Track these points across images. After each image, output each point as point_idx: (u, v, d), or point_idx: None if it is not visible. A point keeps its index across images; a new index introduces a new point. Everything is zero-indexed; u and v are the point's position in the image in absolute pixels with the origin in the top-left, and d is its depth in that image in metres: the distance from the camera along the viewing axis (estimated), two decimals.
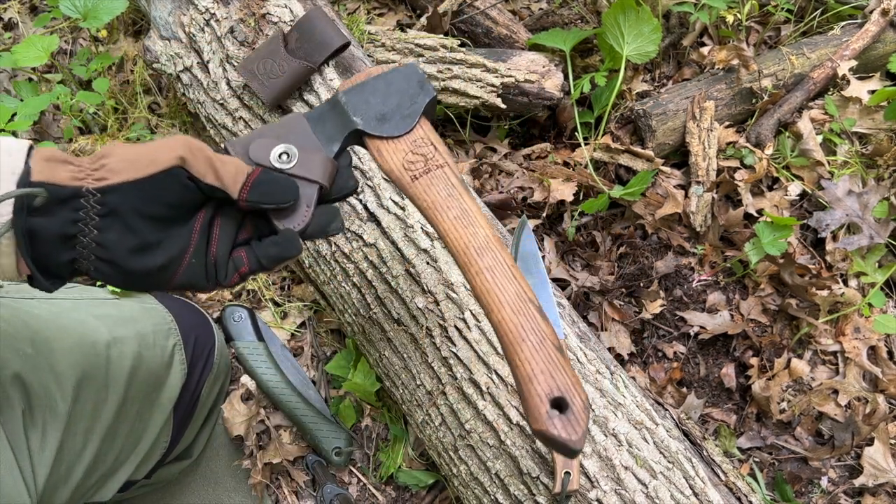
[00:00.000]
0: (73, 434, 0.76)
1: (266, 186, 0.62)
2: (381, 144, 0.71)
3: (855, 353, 1.26)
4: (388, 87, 0.72)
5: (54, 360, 0.76)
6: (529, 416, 0.58)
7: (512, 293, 0.62)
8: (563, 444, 0.56)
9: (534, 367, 0.59)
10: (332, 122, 0.71)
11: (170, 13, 1.28)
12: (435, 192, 0.68)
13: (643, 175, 1.35)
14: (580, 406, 0.57)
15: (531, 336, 0.60)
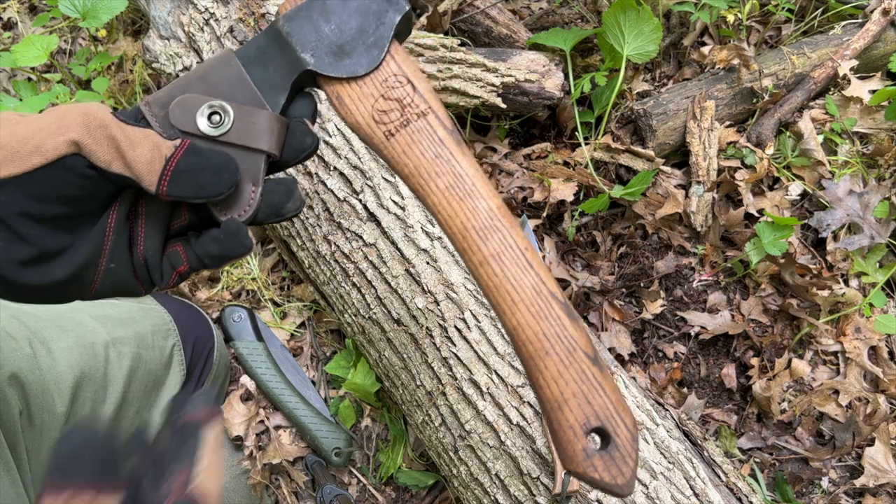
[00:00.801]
0: None
1: (193, 175, 0.47)
2: (340, 89, 0.53)
3: (856, 354, 1.26)
4: (344, 6, 0.53)
5: (52, 360, 0.76)
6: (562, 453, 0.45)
7: (528, 288, 0.48)
8: (605, 488, 0.43)
9: (563, 390, 0.45)
10: (275, 62, 0.53)
11: (169, 13, 1.28)
12: (418, 152, 0.51)
13: (643, 175, 1.34)
14: (626, 438, 0.44)
15: (556, 346, 0.46)
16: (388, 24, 0.53)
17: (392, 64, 0.53)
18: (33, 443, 0.72)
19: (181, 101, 0.51)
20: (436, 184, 0.51)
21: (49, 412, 0.74)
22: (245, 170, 0.51)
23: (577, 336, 0.47)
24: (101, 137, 0.45)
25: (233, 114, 0.51)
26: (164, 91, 0.51)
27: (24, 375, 0.71)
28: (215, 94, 0.51)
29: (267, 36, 0.54)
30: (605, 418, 0.44)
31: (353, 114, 0.53)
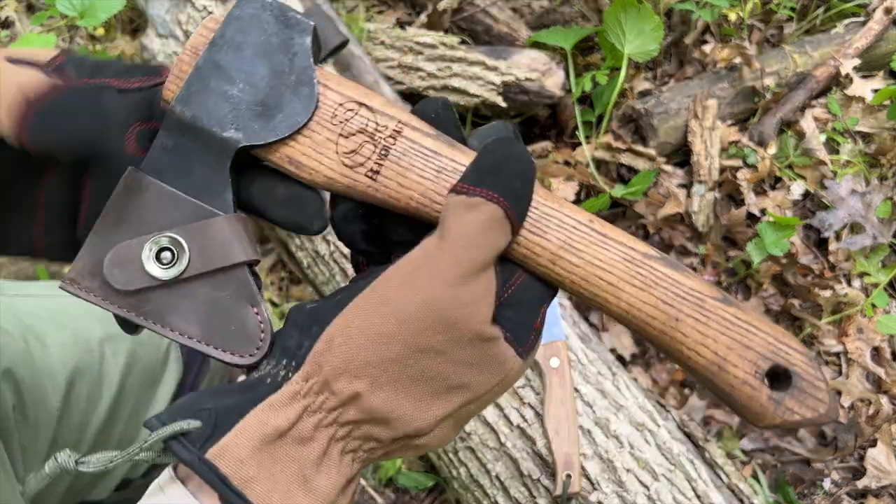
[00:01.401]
0: (67, 430, 0.75)
1: (67, 115, 0.38)
2: (289, 150, 0.42)
3: (858, 354, 1.25)
4: (240, 56, 0.43)
5: (47, 355, 0.75)
6: (749, 413, 0.39)
7: (618, 262, 0.40)
8: (812, 423, 0.39)
9: (715, 349, 0.39)
10: (195, 158, 0.42)
11: (167, 11, 1.27)
12: (416, 177, 0.41)
13: (645, 174, 1.34)
14: (803, 362, 0.39)
15: (683, 307, 0.40)
16: (301, 52, 0.44)
17: (331, 94, 0.44)
18: (27, 438, 0.71)
19: (114, 258, 0.40)
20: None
21: (43, 407, 0.73)
22: (230, 296, 0.41)
23: (695, 286, 0.40)
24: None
25: (183, 241, 0.40)
26: (80, 259, 0.41)
27: (18, 370, 0.70)
28: (146, 231, 0.40)
29: (168, 133, 0.42)
30: (772, 355, 0.39)
31: (319, 171, 0.42)
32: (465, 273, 0.36)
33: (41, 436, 0.73)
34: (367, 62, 1.21)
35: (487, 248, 0.37)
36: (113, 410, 0.82)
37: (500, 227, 0.37)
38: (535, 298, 0.40)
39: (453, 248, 0.36)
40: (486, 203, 0.37)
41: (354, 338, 0.36)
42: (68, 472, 0.37)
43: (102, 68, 0.42)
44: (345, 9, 1.57)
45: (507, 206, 0.37)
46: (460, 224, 0.37)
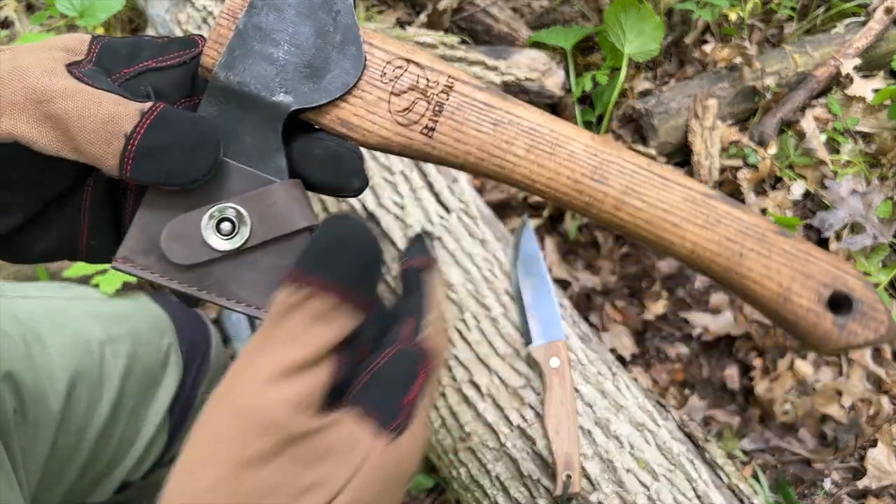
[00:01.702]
0: (67, 433, 0.75)
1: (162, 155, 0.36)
2: (340, 112, 0.42)
3: (859, 355, 1.25)
4: (281, 17, 0.41)
5: (47, 357, 0.75)
6: (813, 340, 0.41)
7: (681, 202, 0.41)
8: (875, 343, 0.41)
9: (780, 280, 0.41)
10: (245, 125, 0.41)
11: (167, 11, 1.27)
12: (473, 131, 0.42)
13: None
14: (860, 286, 0.40)
15: (746, 242, 0.41)
16: (344, 10, 0.42)
17: (377, 52, 0.42)
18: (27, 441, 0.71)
19: (171, 232, 0.38)
20: (514, 153, 0.42)
21: (44, 410, 0.73)
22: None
23: (754, 221, 0.42)
24: (41, 119, 0.36)
25: (244, 210, 0.39)
26: (131, 236, 0.39)
27: (19, 373, 0.70)
28: (201, 203, 0.39)
29: (213, 101, 0.40)
30: (832, 282, 0.41)
31: (373, 131, 0.42)
32: (280, 372, 0.33)
33: (41, 438, 0.73)
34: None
35: (315, 345, 0.34)
36: (113, 412, 0.82)
37: (335, 317, 0.34)
38: (403, 375, 0.36)
39: (272, 347, 0.34)
40: (317, 294, 0.34)
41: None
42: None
43: (138, 52, 0.41)
44: None
45: (344, 293, 0.35)
46: (283, 319, 0.34)
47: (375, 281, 0.37)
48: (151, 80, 0.40)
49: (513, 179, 0.43)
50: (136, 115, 0.36)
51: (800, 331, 0.41)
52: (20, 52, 0.38)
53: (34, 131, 0.36)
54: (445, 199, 1.06)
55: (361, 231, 0.37)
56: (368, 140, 0.42)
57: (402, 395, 0.36)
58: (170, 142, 0.36)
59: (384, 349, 0.37)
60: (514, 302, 0.99)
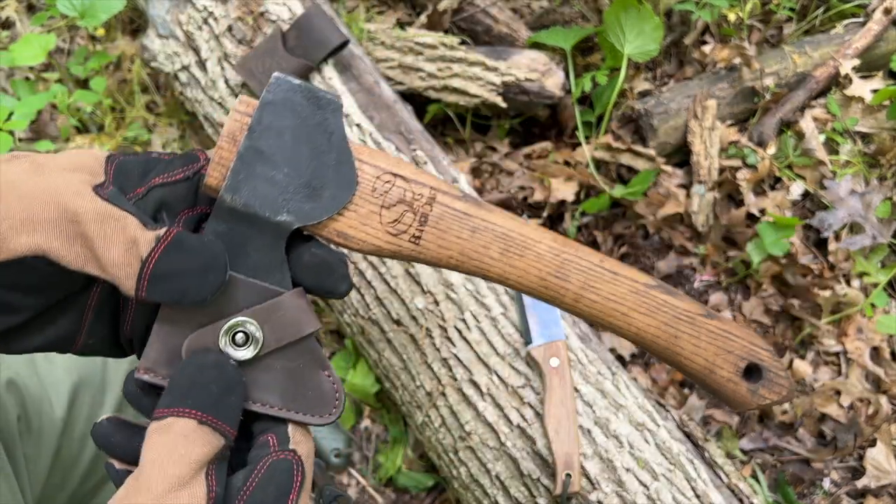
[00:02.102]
0: (70, 439, 0.75)
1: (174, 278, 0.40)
2: (338, 226, 0.46)
3: (858, 354, 1.25)
4: (280, 140, 0.44)
5: (50, 365, 0.75)
6: (733, 405, 0.50)
7: (627, 294, 0.49)
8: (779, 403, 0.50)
9: (706, 356, 0.49)
10: (251, 242, 0.43)
11: (167, 11, 1.27)
12: (454, 237, 0.47)
13: (645, 174, 1.34)
14: (768, 356, 0.49)
15: (679, 326, 0.49)
16: (336, 130, 0.45)
17: (367, 168, 0.46)
18: (31, 448, 0.72)
19: (191, 346, 0.42)
20: (490, 256, 0.48)
21: (47, 417, 0.73)
22: (304, 364, 0.44)
23: (687, 307, 0.49)
24: (72, 237, 0.39)
25: (257, 323, 0.42)
26: (152, 349, 0.42)
27: (22, 381, 0.70)
28: (214, 315, 0.42)
29: (220, 220, 0.43)
30: (747, 355, 0.49)
31: (367, 241, 0.46)
32: (159, 493, 0.36)
33: (45, 445, 0.73)
34: (368, 62, 1.21)
35: (183, 463, 0.37)
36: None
37: (198, 437, 0.38)
38: (274, 496, 0.39)
39: (146, 474, 0.36)
40: (177, 420, 0.38)
41: None
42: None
43: (148, 171, 0.44)
44: (345, 9, 1.57)
45: (202, 416, 0.38)
46: (151, 449, 0.37)
47: (234, 404, 0.40)
48: (159, 194, 0.43)
49: (489, 277, 0.49)
50: (152, 241, 0.40)
51: (721, 396, 0.50)
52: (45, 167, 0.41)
53: (63, 248, 0.39)
54: None
55: (214, 361, 0.41)
56: (363, 248, 0.47)
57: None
58: (182, 266, 0.40)
59: (256, 462, 0.40)
60: (514, 302, 0.99)
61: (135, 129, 1.50)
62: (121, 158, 0.44)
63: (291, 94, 0.44)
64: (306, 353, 0.44)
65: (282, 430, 0.42)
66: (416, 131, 1.15)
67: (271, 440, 0.41)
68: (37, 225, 0.39)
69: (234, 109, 0.45)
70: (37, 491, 0.71)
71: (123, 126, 1.53)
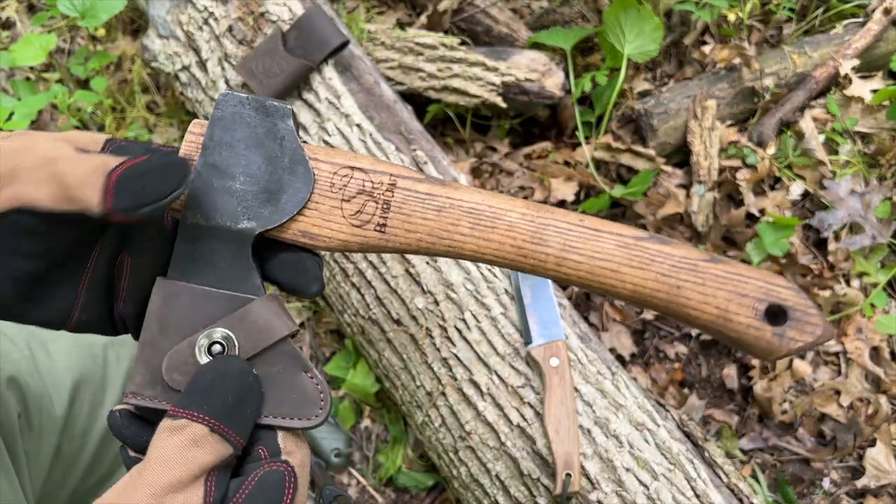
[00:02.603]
0: (70, 437, 0.76)
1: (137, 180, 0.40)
2: (300, 226, 0.46)
3: (857, 354, 1.25)
4: (233, 151, 0.46)
5: (51, 362, 0.75)
6: (758, 353, 0.45)
7: (614, 249, 0.45)
8: (813, 346, 0.44)
9: (717, 304, 0.44)
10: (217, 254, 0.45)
11: (168, 12, 1.27)
12: (420, 220, 0.46)
13: (644, 174, 1.34)
14: (792, 295, 0.44)
15: (680, 275, 0.44)
16: (287, 135, 0.47)
17: (322, 165, 0.47)
18: (32, 445, 0.72)
19: (170, 364, 0.43)
20: (460, 233, 0.46)
21: (47, 415, 0.73)
22: (284, 368, 0.44)
23: (686, 253, 0.45)
24: (45, 178, 0.40)
25: (230, 332, 0.43)
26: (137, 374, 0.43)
27: (23, 378, 0.71)
28: (191, 331, 0.43)
29: (187, 238, 0.45)
30: (765, 296, 0.44)
31: (333, 237, 0.47)
32: (158, 492, 0.36)
33: (46, 442, 0.73)
34: (368, 63, 1.21)
35: (187, 467, 0.37)
36: None
37: (207, 444, 0.39)
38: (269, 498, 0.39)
39: (150, 470, 0.37)
40: (190, 424, 0.39)
41: None
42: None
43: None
44: (345, 9, 1.57)
45: (215, 423, 0.39)
46: (159, 447, 0.38)
47: (248, 415, 0.41)
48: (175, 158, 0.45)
49: (464, 255, 0.47)
50: (119, 160, 0.41)
51: (744, 345, 0.45)
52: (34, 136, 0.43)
53: (37, 189, 0.40)
54: None
55: (236, 369, 0.41)
56: (330, 245, 0.47)
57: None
58: (142, 171, 0.40)
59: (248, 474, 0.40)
60: (514, 302, 1.00)
61: (135, 130, 1.50)
62: (121, 142, 0.45)
63: (239, 108, 0.46)
64: (285, 356, 0.44)
65: (271, 440, 0.42)
66: (417, 131, 1.15)
67: (262, 452, 0.41)
68: (15, 177, 0.40)
69: (188, 132, 0.46)
70: (37, 488, 0.72)
71: (124, 126, 1.53)
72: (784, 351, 0.44)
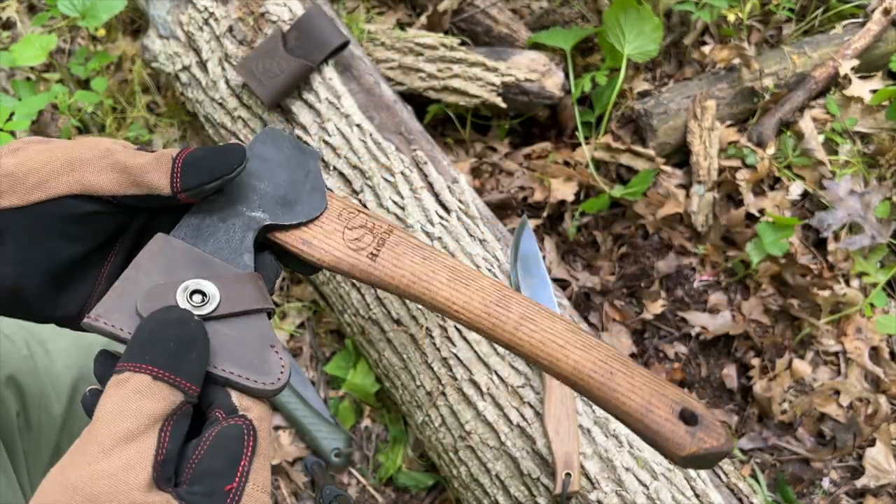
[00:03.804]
0: (69, 436, 0.76)
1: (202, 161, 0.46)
2: (303, 234, 0.53)
3: (857, 354, 1.25)
4: (266, 165, 0.54)
5: (50, 361, 0.75)
6: (670, 447, 0.48)
7: (565, 330, 0.51)
8: (718, 452, 0.47)
9: (642, 395, 0.48)
10: (222, 229, 0.50)
11: (168, 12, 1.27)
12: (408, 261, 0.52)
13: (644, 175, 1.34)
14: (702, 407, 0.48)
15: (614, 364, 0.49)
16: (314, 171, 0.55)
17: (335, 201, 0.55)
18: (31, 444, 0.72)
19: (149, 295, 0.44)
20: (439, 280, 0.52)
21: (46, 414, 0.73)
22: (253, 336, 0.46)
23: (619, 350, 0.51)
24: (107, 166, 0.45)
25: (216, 286, 0.45)
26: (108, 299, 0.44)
27: (22, 377, 0.71)
28: (176, 279, 0.45)
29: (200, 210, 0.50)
30: (681, 401, 0.48)
31: (329, 252, 0.52)
32: (107, 446, 0.36)
33: (44, 442, 0.73)
34: (368, 63, 1.21)
35: (135, 417, 0.37)
36: None
37: (152, 392, 0.38)
38: (224, 462, 0.38)
39: (97, 426, 0.37)
40: (133, 375, 0.38)
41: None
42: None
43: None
44: (345, 9, 1.57)
45: (158, 371, 0.39)
46: (105, 402, 0.38)
47: (193, 360, 0.40)
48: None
49: (437, 301, 0.52)
50: (178, 150, 0.47)
51: (660, 438, 0.48)
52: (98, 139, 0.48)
53: (101, 176, 0.45)
54: (445, 199, 1.07)
55: (178, 317, 0.42)
56: (324, 258, 0.52)
57: (229, 480, 0.38)
58: (206, 153, 0.47)
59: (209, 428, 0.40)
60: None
61: (136, 130, 1.51)
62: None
63: (280, 139, 0.55)
64: (256, 328, 0.46)
65: (226, 399, 0.42)
66: (416, 132, 1.15)
67: (219, 413, 0.41)
68: (76, 165, 0.45)
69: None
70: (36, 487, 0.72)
71: (124, 126, 1.53)
72: (693, 448, 0.47)
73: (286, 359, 0.46)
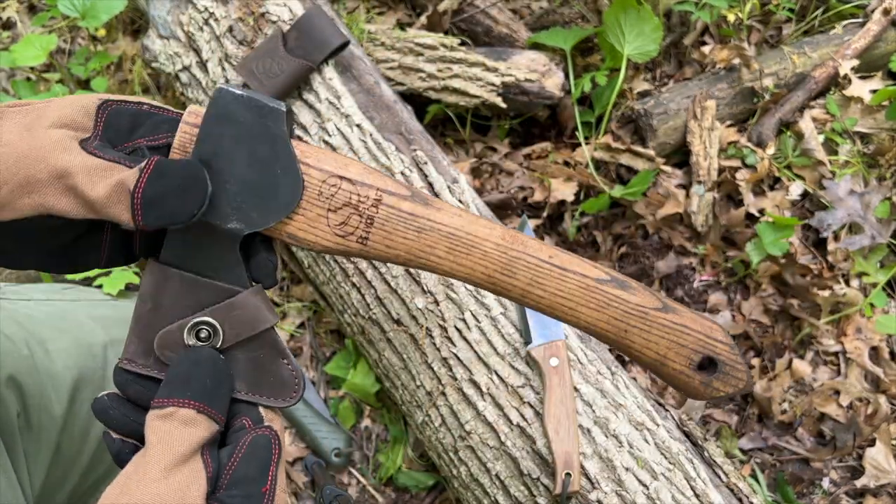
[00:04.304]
0: (70, 437, 0.76)
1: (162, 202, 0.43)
2: (286, 229, 0.49)
3: (857, 354, 1.25)
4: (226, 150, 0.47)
5: (50, 361, 0.75)
6: (686, 393, 0.51)
7: (576, 290, 0.50)
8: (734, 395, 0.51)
9: (657, 349, 0.50)
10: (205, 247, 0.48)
11: (168, 12, 1.28)
12: (400, 239, 0.49)
13: (644, 175, 1.34)
14: (725, 350, 0.50)
15: (630, 321, 0.50)
16: (279, 137, 0.47)
17: (313, 172, 0.49)
18: (31, 445, 0.72)
19: (161, 342, 0.47)
20: (436, 255, 0.50)
21: (47, 414, 0.73)
22: (264, 354, 0.48)
23: (639, 301, 0.50)
24: (65, 190, 0.43)
25: (216, 321, 0.47)
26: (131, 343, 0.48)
27: (22, 377, 0.71)
28: (180, 313, 0.47)
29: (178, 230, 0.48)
30: (701, 349, 0.50)
31: (316, 242, 0.49)
32: (166, 467, 0.41)
33: (45, 442, 0.73)
34: (368, 63, 1.21)
35: (186, 443, 0.43)
36: None
37: (197, 423, 0.44)
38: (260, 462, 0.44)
39: (153, 451, 0.42)
40: (177, 409, 0.44)
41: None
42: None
43: (136, 128, 0.48)
44: (345, 10, 1.57)
45: (200, 405, 0.44)
46: (156, 432, 0.43)
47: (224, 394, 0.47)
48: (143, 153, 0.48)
49: (437, 272, 0.51)
50: (136, 174, 0.43)
51: (675, 385, 0.52)
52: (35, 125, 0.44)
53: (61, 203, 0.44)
54: (445, 199, 1.07)
55: (207, 357, 0.47)
56: (314, 248, 0.50)
57: (263, 484, 0.44)
58: (165, 190, 0.44)
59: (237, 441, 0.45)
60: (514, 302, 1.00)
61: None
62: (113, 108, 0.47)
63: (234, 106, 0.47)
64: (265, 344, 0.49)
65: (254, 411, 0.48)
66: (417, 132, 1.15)
67: (246, 421, 0.47)
68: (33, 187, 0.43)
69: (183, 122, 0.47)
70: (37, 487, 0.72)
71: None
72: (706, 397, 0.51)
73: (298, 370, 0.49)
